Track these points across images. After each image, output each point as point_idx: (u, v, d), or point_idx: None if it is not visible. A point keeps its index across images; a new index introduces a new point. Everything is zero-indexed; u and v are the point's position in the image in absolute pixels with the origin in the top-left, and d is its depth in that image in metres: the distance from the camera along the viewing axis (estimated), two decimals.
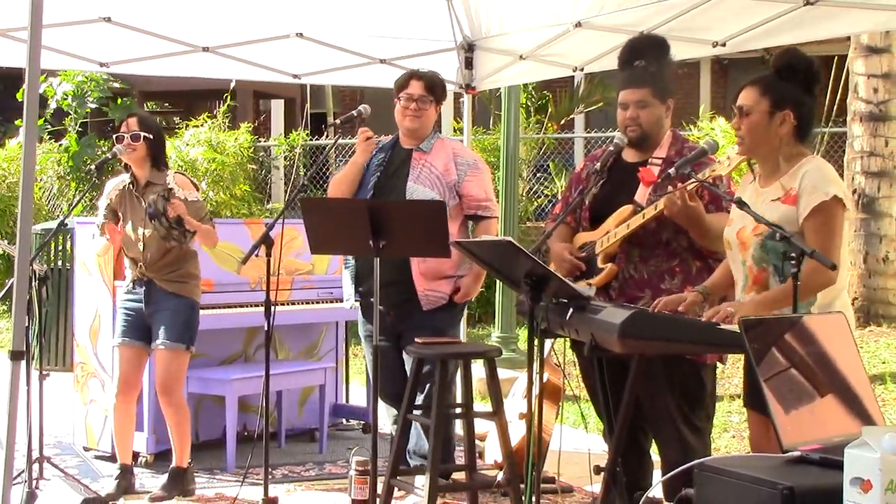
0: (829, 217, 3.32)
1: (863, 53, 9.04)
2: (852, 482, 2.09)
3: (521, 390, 5.23)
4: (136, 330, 4.93)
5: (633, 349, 3.33)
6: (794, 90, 3.43)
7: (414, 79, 4.86)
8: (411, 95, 4.82)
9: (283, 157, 12.74)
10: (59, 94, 12.11)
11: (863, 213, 8.91)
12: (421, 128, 4.85)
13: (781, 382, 2.50)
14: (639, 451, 4.26)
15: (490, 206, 4.88)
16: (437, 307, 4.78)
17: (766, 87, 3.43)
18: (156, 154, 4.92)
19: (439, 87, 4.91)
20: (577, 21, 5.57)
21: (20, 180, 3.53)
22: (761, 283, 3.43)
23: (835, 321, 2.74)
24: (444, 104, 5.03)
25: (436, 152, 4.85)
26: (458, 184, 4.82)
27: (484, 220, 4.88)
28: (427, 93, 4.83)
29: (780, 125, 3.42)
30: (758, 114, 3.42)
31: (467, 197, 4.83)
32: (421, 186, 4.76)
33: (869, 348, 8.10)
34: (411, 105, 4.82)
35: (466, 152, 5.07)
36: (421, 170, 4.81)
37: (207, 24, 5.89)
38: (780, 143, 3.44)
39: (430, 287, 4.76)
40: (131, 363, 4.94)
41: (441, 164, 4.82)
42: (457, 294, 4.81)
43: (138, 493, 4.96)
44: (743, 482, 2.27)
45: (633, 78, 4.11)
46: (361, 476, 4.61)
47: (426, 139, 4.88)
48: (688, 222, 3.85)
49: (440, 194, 4.75)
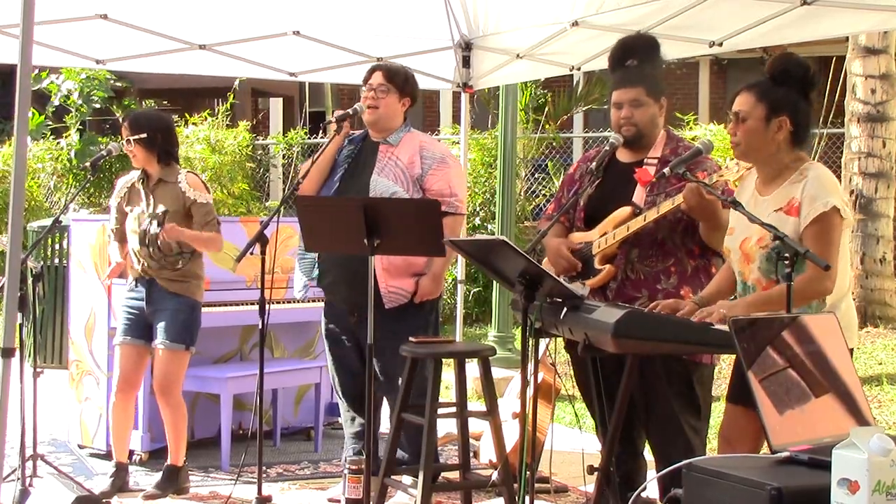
0: (827, 226, 3.32)
1: (860, 54, 9.04)
2: (840, 483, 2.09)
3: (515, 390, 5.23)
4: (137, 329, 4.92)
5: (627, 349, 3.33)
6: (791, 95, 3.42)
7: (374, 70, 4.82)
8: (371, 85, 4.76)
9: (282, 156, 12.74)
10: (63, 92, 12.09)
11: (860, 214, 8.90)
12: (380, 119, 4.76)
13: (772, 383, 2.50)
14: (633, 452, 4.26)
15: (454, 203, 4.72)
16: (398, 307, 4.69)
17: (762, 92, 3.42)
18: (159, 151, 4.88)
19: (400, 77, 4.79)
20: (574, 20, 5.57)
21: (12, 176, 3.53)
22: None
23: (825, 321, 2.73)
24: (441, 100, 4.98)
25: (403, 145, 4.77)
26: (422, 177, 4.71)
27: (447, 217, 4.65)
28: (386, 81, 4.74)
29: (776, 131, 3.41)
30: (754, 119, 3.41)
31: (430, 192, 4.69)
32: (384, 179, 4.69)
33: (865, 349, 8.10)
34: (369, 94, 4.75)
35: (435, 146, 4.91)
36: (386, 163, 4.74)
37: (204, 22, 5.89)
38: (776, 148, 3.43)
39: (394, 284, 4.68)
40: (132, 361, 4.94)
41: (406, 157, 4.73)
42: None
43: (133, 491, 4.95)
44: (731, 482, 2.27)
45: (626, 77, 4.11)
46: (355, 475, 4.60)
47: (395, 132, 4.80)
48: (703, 216, 3.83)
49: (403, 187, 4.67)
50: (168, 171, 4.90)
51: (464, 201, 4.84)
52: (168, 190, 4.87)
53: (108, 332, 5.42)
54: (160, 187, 4.89)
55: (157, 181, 4.91)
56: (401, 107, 4.82)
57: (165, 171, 4.90)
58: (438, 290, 4.81)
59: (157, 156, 4.88)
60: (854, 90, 9.09)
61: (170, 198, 4.85)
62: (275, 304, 5.13)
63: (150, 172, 4.93)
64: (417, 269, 4.73)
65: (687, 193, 3.75)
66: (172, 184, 4.87)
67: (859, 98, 9.05)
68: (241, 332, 5.97)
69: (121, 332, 4.96)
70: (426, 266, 4.74)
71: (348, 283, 4.63)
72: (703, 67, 14.93)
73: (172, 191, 4.87)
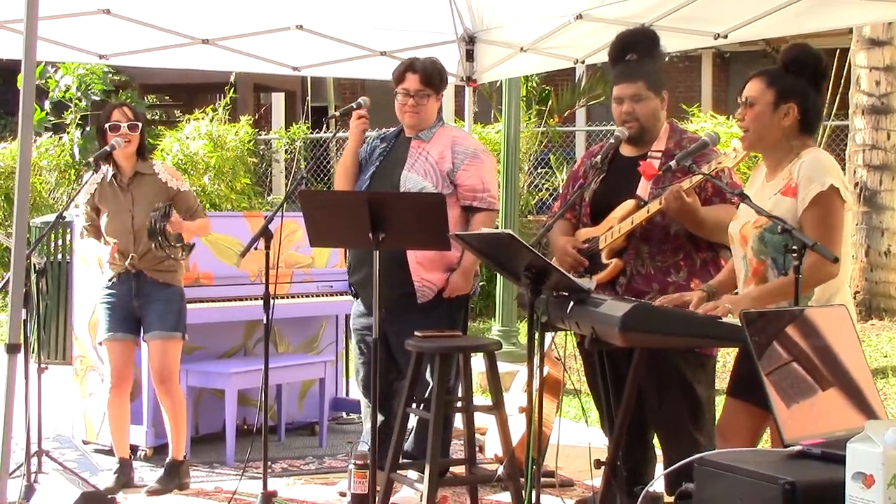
0: (828, 208, 3.28)
1: (865, 46, 9.01)
2: (854, 477, 2.07)
3: (521, 384, 5.21)
4: (122, 323, 4.88)
5: (634, 342, 3.31)
6: (800, 84, 3.41)
7: (409, 72, 4.73)
8: (408, 91, 4.71)
9: (284, 151, 12.71)
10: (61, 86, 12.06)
11: (864, 206, 8.88)
12: (420, 122, 4.75)
13: (783, 376, 2.48)
14: (641, 446, 4.25)
15: (487, 198, 4.69)
16: (427, 302, 4.66)
17: (771, 78, 3.43)
18: (142, 144, 4.90)
19: (437, 77, 4.76)
20: (577, 13, 5.55)
21: (16, 172, 3.51)
22: (760, 275, 3.41)
23: (837, 314, 2.72)
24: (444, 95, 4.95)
25: (435, 140, 4.74)
26: (454, 172, 4.68)
27: (480, 213, 4.68)
28: (424, 86, 4.71)
29: (783, 117, 3.40)
30: (762, 105, 3.41)
31: (462, 186, 4.67)
32: (414, 175, 4.66)
33: (871, 342, 8.08)
34: (409, 101, 4.71)
35: (468, 141, 4.88)
36: (417, 158, 4.71)
37: (207, 17, 5.87)
38: (782, 135, 3.41)
39: (428, 278, 4.65)
40: (122, 357, 4.91)
41: (437, 152, 4.70)
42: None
43: (137, 486, 4.94)
44: (744, 477, 2.25)
45: (627, 72, 4.09)
46: (361, 470, 4.59)
47: (427, 128, 4.77)
48: (683, 217, 3.85)
49: (434, 183, 4.63)
50: (143, 164, 4.90)
51: (497, 197, 4.77)
52: (148, 183, 4.84)
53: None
54: (137, 181, 4.85)
55: (134, 175, 4.86)
56: (437, 104, 4.81)
57: (141, 165, 4.89)
58: (468, 286, 4.74)
59: (139, 148, 4.87)
60: (858, 82, 9.07)
61: (153, 191, 4.82)
62: (279, 298, 5.11)
63: (124, 167, 4.86)
64: (451, 263, 4.68)
65: (668, 196, 3.75)
66: (150, 175, 4.85)
67: (863, 90, 9.03)
68: (245, 328, 5.96)
69: (105, 330, 4.90)
70: (458, 260, 4.69)
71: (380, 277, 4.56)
72: (705, 61, 14.91)
73: (154, 184, 4.84)
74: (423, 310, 4.64)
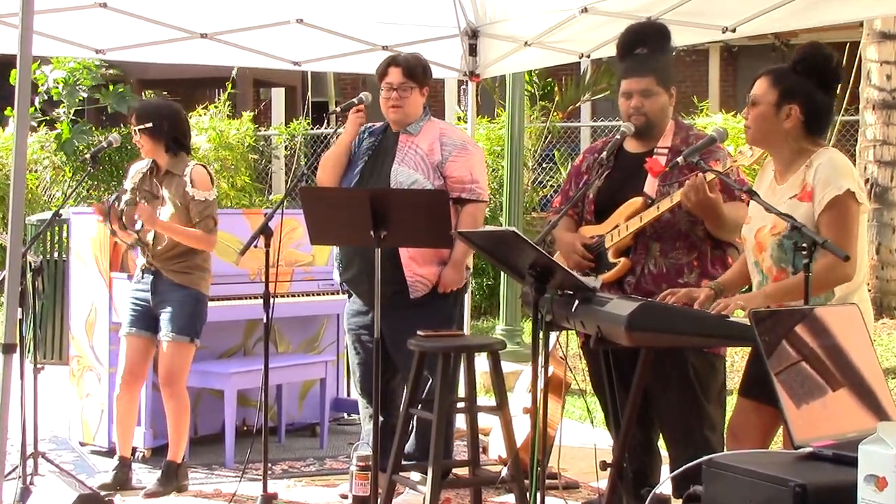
0: (843, 211, 3.27)
1: (876, 39, 8.90)
2: (867, 479, 2.04)
3: (525, 384, 5.15)
4: (143, 320, 4.89)
5: (641, 342, 3.26)
6: (806, 84, 3.37)
7: (392, 66, 4.71)
8: (391, 84, 4.69)
9: (284, 147, 12.62)
10: (50, 82, 11.94)
11: (875, 203, 8.76)
12: (405, 116, 4.71)
13: (793, 376, 2.44)
14: (647, 447, 4.19)
15: (475, 189, 4.66)
16: (422, 297, 4.60)
17: (776, 78, 3.40)
18: (166, 140, 4.82)
19: (420, 70, 4.73)
20: (583, 6, 5.49)
21: (12, 169, 3.46)
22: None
23: (848, 313, 2.68)
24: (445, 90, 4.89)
25: (423, 134, 4.71)
26: (442, 164, 4.64)
27: (469, 204, 4.65)
28: (407, 79, 4.68)
29: (785, 118, 3.37)
30: (765, 104, 3.39)
31: (450, 178, 4.63)
32: (405, 168, 4.62)
33: (882, 341, 8.01)
34: (392, 95, 4.68)
35: (455, 133, 4.86)
36: (406, 152, 4.68)
37: (206, 10, 5.82)
38: (785, 136, 3.39)
39: (420, 272, 4.60)
40: (138, 353, 4.90)
41: (426, 145, 4.67)
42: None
43: (135, 488, 4.88)
44: (753, 479, 2.22)
45: (637, 66, 4.04)
46: (362, 472, 4.53)
47: (414, 122, 4.74)
48: (704, 213, 3.78)
49: (424, 175, 4.60)
50: (175, 161, 4.84)
51: (485, 188, 4.75)
52: (174, 182, 4.82)
53: (110, 326, 5.37)
54: (167, 179, 4.85)
55: (165, 172, 4.86)
56: (422, 98, 4.77)
57: (173, 162, 4.84)
58: (461, 279, 4.71)
59: (165, 145, 4.82)
60: (869, 76, 8.96)
61: (176, 192, 4.82)
62: (279, 297, 5.05)
63: (158, 163, 4.88)
64: (444, 256, 4.65)
65: (687, 189, 3.69)
66: (179, 176, 4.82)
67: (874, 84, 8.92)
68: (244, 327, 5.90)
69: (127, 324, 4.93)
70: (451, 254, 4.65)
71: (371, 275, 4.52)
72: (713, 55, 14.82)
73: (180, 185, 4.82)
74: (416, 305, 4.60)
